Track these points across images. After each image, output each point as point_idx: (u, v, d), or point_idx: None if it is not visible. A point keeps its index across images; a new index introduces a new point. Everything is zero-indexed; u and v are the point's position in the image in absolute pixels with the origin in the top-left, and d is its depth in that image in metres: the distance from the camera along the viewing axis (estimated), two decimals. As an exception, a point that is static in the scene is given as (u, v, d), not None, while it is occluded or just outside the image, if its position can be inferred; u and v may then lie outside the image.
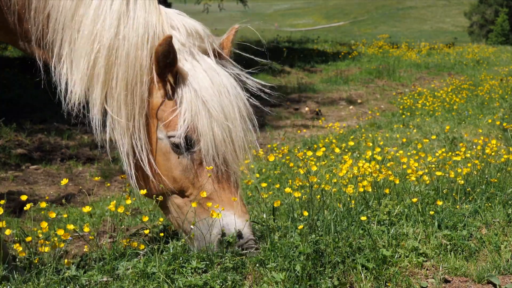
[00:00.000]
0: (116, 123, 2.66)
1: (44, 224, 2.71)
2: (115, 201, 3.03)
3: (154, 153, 2.72)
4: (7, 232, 2.73)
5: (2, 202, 2.65)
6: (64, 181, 3.03)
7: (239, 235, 2.71)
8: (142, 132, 2.68)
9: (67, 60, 2.66)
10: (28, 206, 2.79)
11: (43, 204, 2.75)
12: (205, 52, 2.79)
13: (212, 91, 2.66)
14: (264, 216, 3.33)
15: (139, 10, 2.63)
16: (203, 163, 2.69)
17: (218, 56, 2.85)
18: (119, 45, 2.59)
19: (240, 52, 3.02)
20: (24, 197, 2.91)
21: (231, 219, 2.70)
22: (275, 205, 3.34)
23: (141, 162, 2.69)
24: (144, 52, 2.62)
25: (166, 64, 2.59)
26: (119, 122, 2.65)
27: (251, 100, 2.87)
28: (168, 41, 2.52)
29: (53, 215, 2.75)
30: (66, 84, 2.67)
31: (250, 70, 2.95)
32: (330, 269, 2.73)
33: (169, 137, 2.67)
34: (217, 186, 2.71)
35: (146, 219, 3.02)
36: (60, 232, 2.75)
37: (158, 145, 2.71)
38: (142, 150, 2.68)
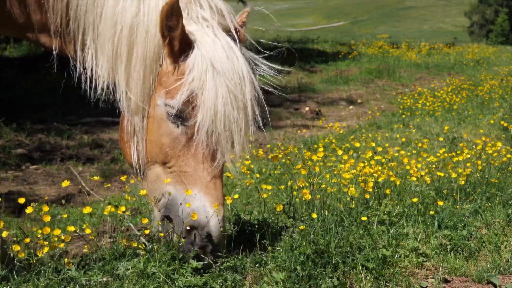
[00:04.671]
0: (133, 102, 2.62)
1: (47, 230, 2.70)
2: (109, 207, 3.02)
3: (150, 120, 2.66)
4: (4, 234, 2.73)
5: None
6: (66, 183, 3.03)
7: (201, 228, 2.57)
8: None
9: (92, 46, 2.63)
10: (29, 209, 2.78)
11: (47, 215, 2.74)
12: (227, 30, 2.73)
13: (228, 67, 2.59)
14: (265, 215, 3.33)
15: None
16: (194, 138, 2.59)
17: (238, 33, 2.77)
18: (139, 22, 2.56)
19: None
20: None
21: (203, 204, 2.57)
22: (278, 209, 3.33)
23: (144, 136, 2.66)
24: None
25: (169, 26, 2.52)
26: (136, 101, 2.61)
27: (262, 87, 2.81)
28: (174, 0, 2.45)
29: (48, 218, 2.73)
30: (92, 70, 2.64)
31: (266, 54, 2.86)
32: (330, 269, 2.73)
33: (166, 105, 2.61)
34: (200, 165, 2.61)
35: (145, 221, 3.01)
36: (57, 232, 2.75)
37: (155, 112, 2.64)
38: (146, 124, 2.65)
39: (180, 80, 2.57)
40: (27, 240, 2.80)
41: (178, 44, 2.57)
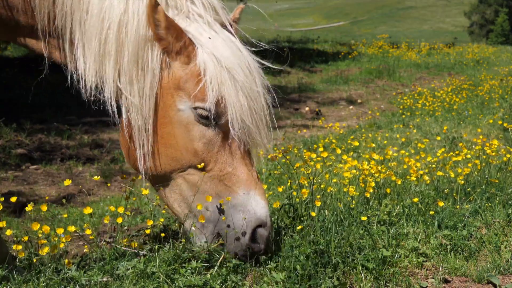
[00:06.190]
0: (129, 101, 2.60)
1: (46, 228, 2.70)
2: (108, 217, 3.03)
3: (169, 126, 2.62)
4: (8, 232, 2.73)
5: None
6: (67, 181, 3.02)
7: (264, 224, 2.60)
8: (152, 108, 2.60)
9: (80, 43, 2.59)
10: (29, 207, 2.78)
11: (44, 207, 2.75)
12: (222, 25, 2.72)
13: (234, 60, 2.59)
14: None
15: None
16: (227, 135, 2.61)
17: (233, 28, 2.78)
18: (129, 20, 2.52)
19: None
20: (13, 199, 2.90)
21: (259, 201, 2.60)
22: (275, 206, 3.34)
23: (152, 138, 2.62)
24: None
25: (157, 23, 2.49)
26: (132, 100, 2.58)
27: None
28: None
29: (44, 208, 2.75)
30: (81, 69, 2.60)
31: (261, 46, 2.85)
32: (330, 269, 2.73)
33: (196, 108, 2.57)
34: (241, 161, 2.63)
35: (150, 222, 3.00)
36: (61, 231, 2.75)
37: (178, 117, 2.61)
38: (151, 125, 2.61)
39: (200, 82, 2.55)
40: (25, 238, 2.79)
41: (179, 43, 2.54)
